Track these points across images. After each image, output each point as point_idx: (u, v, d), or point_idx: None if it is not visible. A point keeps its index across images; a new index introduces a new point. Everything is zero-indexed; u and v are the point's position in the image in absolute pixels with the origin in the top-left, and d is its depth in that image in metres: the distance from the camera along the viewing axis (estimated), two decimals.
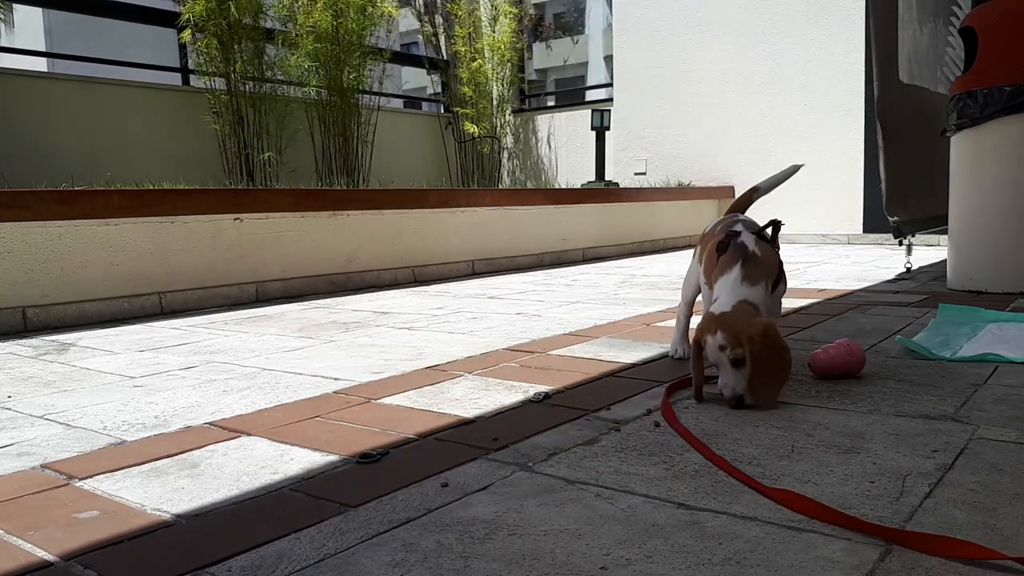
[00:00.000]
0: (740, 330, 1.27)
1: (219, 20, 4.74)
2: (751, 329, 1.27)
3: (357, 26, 5.39)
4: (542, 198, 4.63)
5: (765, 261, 1.41)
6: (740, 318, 1.30)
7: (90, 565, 0.81)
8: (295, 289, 3.29)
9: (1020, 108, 2.52)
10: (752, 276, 1.37)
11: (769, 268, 1.41)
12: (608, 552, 0.80)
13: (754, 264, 1.39)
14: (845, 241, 5.48)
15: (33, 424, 1.37)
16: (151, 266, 2.84)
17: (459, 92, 6.85)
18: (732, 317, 1.30)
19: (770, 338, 1.28)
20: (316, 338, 2.20)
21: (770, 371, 1.29)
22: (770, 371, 1.29)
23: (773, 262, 1.44)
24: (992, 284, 2.63)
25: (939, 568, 0.74)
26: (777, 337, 1.29)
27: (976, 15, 2.76)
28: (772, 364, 1.28)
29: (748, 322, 1.28)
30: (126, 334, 2.38)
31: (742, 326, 1.28)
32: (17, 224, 2.51)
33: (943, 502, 0.90)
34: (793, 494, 0.91)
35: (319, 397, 1.50)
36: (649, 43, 6.36)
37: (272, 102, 5.12)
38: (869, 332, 2.02)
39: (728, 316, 1.31)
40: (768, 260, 1.42)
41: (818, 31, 5.50)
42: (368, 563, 0.79)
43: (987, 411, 1.26)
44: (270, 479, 1.05)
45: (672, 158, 6.32)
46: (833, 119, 5.42)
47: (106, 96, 4.74)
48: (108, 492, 1.02)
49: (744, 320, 1.29)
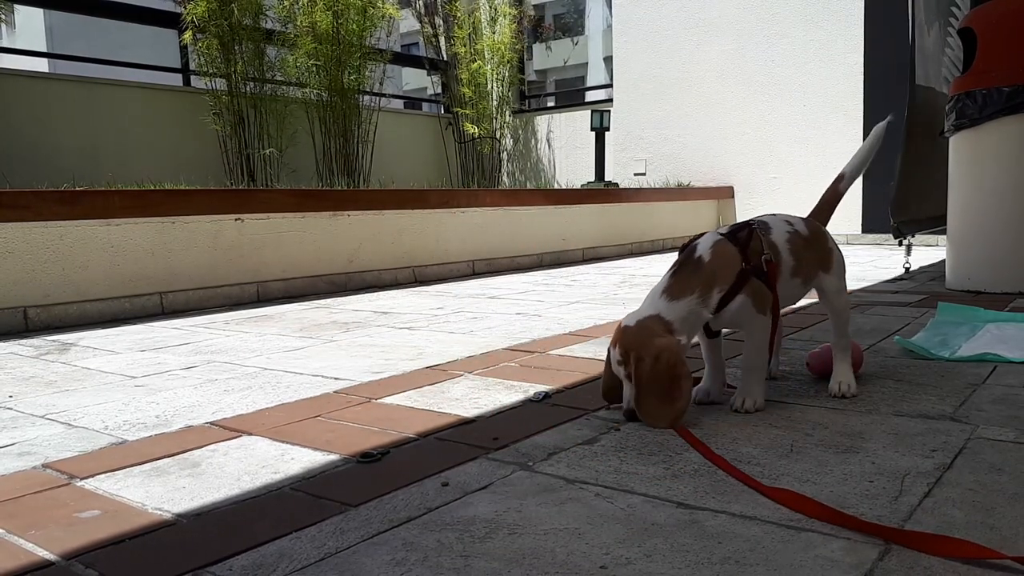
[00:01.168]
0: (631, 346, 1.20)
1: (220, 21, 4.75)
2: (642, 350, 1.18)
3: (357, 27, 5.39)
4: (542, 198, 4.63)
5: (710, 268, 1.24)
6: (639, 335, 1.20)
7: (91, 564, 0.81)
8: (296, 289, 3.29)
9: (1019, 109, 2.53)
10: (676, 289, 1.23)
11: (714, 275, 1.23)
12: (608, 551, 0.80)
13: (687, 274, 1.24)
14: (844, 241, 5.48)
15: (34, 424, 1.37)
16: (152, 266, 2.84)
17: (459, 93, 6.85)
18: (632, 331, 1.22)
19: (662, 363, 1.17)
20: (317, 338, 2.20)
21: (657, 395, 1.19)
22: (657, 395, 1.19)
23: (727, 268, 1.24)
24: (991, 284, 2.63)
25: (938, 567, 0.74)
26: (670, 362, 1.17)
27: (975, 16, 2.76)
28: (659, 389, 1.18)
29: (643, 341, 1.19)
30: (127, 334, 2.38)
31: (635, 344, 1.19)
32: (18, 224, 2.51)
33: (942, 501, 0.90)
34: (792, 493, 0.91)
35: (320, 397, 1.51)
36: (649, 44, 6.36)
37: (273, 103, 5.12)
38: (868, 332, 2.03)
39: (630, 331, 1.22)
40: (718, 266, 1.24)
41: (818, 31, 5.50)
42: (369, 562, 0.80)
43: (986, 411, 1.27)
44: (271, 478, 1.05)
45: (672, 158, 6.32)
46: (832, 120, 5.42)
47: (107, 97, 4.75)
48: (109, 491, 1.02)
49: (641, 338, 1.19)
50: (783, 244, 1.31)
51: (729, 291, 1.23)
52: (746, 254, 1.25)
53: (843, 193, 1.51)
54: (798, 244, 1.34)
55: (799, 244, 1.34)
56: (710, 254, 1.25)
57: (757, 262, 1.26)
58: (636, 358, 1.18)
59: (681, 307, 1.22)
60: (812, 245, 1.37)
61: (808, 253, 1.35)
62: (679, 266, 1.27)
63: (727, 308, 1.24)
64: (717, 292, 1.23)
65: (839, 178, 1.51)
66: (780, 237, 1.32)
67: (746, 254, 1.25)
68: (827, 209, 1.50)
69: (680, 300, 1.22)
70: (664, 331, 1.20)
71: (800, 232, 1.36)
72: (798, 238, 1.34)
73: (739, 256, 1.25)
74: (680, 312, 1.21)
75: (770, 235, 1.31)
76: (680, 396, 1.19)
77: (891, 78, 4.97)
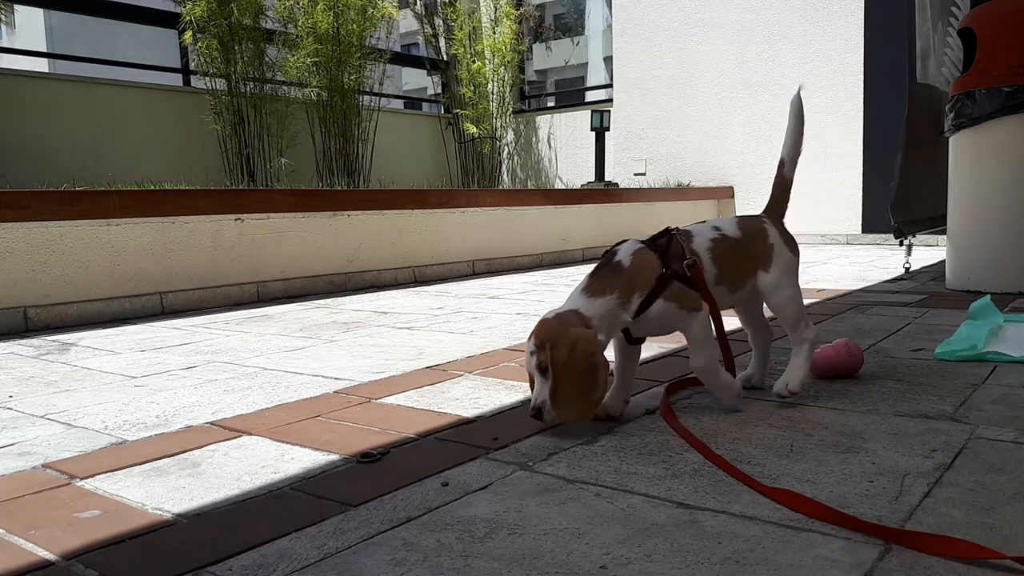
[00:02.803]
0: (547, 336, 1.17)
1: (220, 21, 4.75)
2: (558, 340, 1.16)
3: (357, 27, 5.39)
4: (542, 198, 4.63)
5: (631, 272, 1.23)
6: (556, 325, 1.18)
7: (91, 564, 0.81)
8: (296, 289, 3.29)
9: (1019, 108, 2.53)
10: (596, 288, 1.22)
11: (634, 280, 1.22)
12: (608, 551, 0.80)
13: (606, 275, 1.23)
14: (844, 241, 5.48)
15: (34, 424, 1.37)
16: (152, 266, 2.84)
17: (459, 93, 6.85)
18: (549, 323, 1.19)
19: (578, 351, 1.15)
20: (317, 338, 2.20)
21: (573, 385, 1.16)
22: (573, 385, 1.16)
23: (646, 273, 1.23)
24: (991, 284, 2.63)
25: (938, 567, 0.74)
26: (587, 351, 1.15)
27: (975, 16, 2.76)
28: (575, 377, 1.15)
29: (560, 331, 1.17)
30: (127, 334, 2.39)
31: (553, 333, 1.17)
32: (18, 224, 2.51)
33: (942, 501, 0.90)
34: (792, 493, 0.91)
35: (320, 397, 1.51)
36: (649, 44, 6.36)
37: (273, 103, 5.12)
38: (868, 332, 2.03)
39: (546, 322, 1.20)
40: (638, 271, 1.23)
41: (818, 31, 5.50)
42: (369, 562, 0.80)
43: (986, 411, 1.27)
44: (271, 478, 1.05)
45: (672, 158, 6.32)
46: (832, 119, 5.42)
47: (107, 97, 4.75)
48: (109, 491, 1.02)
49: (558, 328, 1.18)
50: (705, 251, 1.29)
51: (649, 296, 1.22)
52: (666, 259, 1.25)
53: (790, 179, 1.46)
54: (722, 250, 1.31)
55: (724, 249, 1.31)
56: (630, 260, 1.24)
57: (678, 267, 1.25)
58: (552, 347, 1.16)
59: (599, 305, 1.20)
60: (744, 247, 1.34)
61: (738, 256, 1.32)
62: (599, 268, 1.25)
63: (648, 313, 1.23)
64: (637, 296, 1.22)
65: (780, 165, 1.46)
66: (702, 244, 1.29)
67: (666, 259, 1.25)
68: (778, 202, 1.44)
69: (599, 298, 1.21)
70: (583, 324, 1.19)
71: (729, 236, 1.33)
72: (724, 243, 1.31)
73: (658, 262, 1.24)
74: (598, 309, 1.20)
75: (691, 242, 1.29)
76: (596, 387, 1.17)
77: (891, 78, 4.97)
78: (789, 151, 1.46)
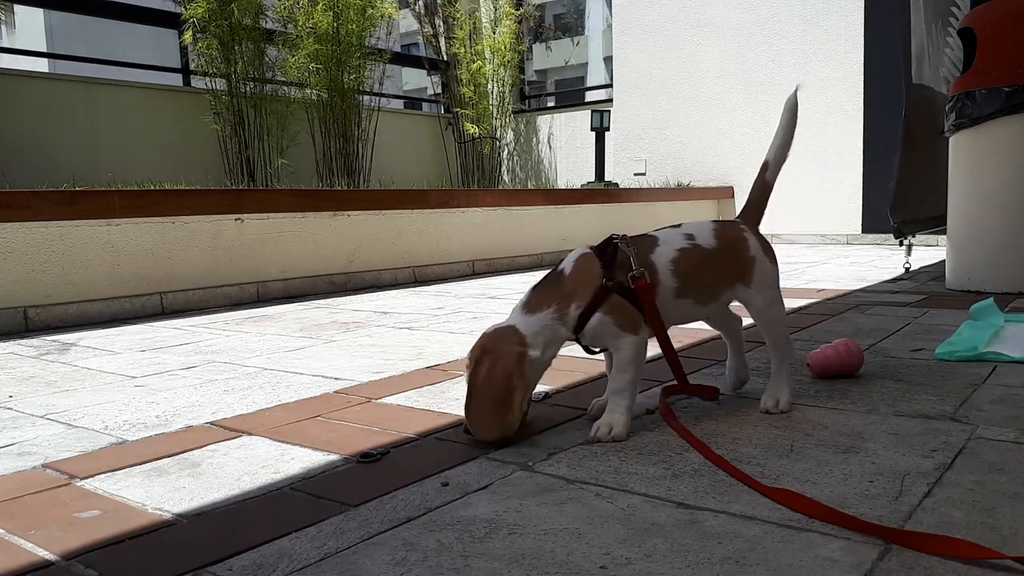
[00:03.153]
0: (478, 351, 1.14)
1: (220, 21, 4.75)
2: (484, 355, 1.13)
3: (357, 27, 5.39)
4: (542, 198, 4.63)
5: (570, 282, 1.17)
6: (489, 340, 1.14)
7: (91, 564, 0.81)
8: (296, 289, 3.29)
9: (1019, 109, 2.53)
10: (534, 302, 1.16)
11: (572, 291, 1.16)
12: (608, 551, 0.80)
13: (546, 288, 1.18)
14: (844, 241, 5.48)
15: (34, 424, 1.37)
16: (152, 266, 2.84)
17: (459, 93, 6.85)
18: (485, 337, 1.16)
19: (497, 370, 1.11)
20: (317, 338, 2.20)
21: (486, 405, 1.12)
22: (486, 405, 1.12)
23: (586, 284, 1.16)
24: (991, 284, 2.63)
25: (938, 567, 0.74)
26: (505, 372, 1.10)
27: (975, 15, 2.76)
28: (489, 397, 1.11)
29: (491, 346, 1.13)
30: (127, 334, 2.39)
31: (484, 348, 1.14)
32: (18, 224, 2.51)
33: (942, 502, 0.90)
34: (792, 493, 0.91)
35: (320, 397, 1.51)
36: (649, 44, 6.36)
37: (273, 103, 5.12)
38: (868, 332, 2.03)
39: (484, 338, 1.16)
40: (577, 282, 1.16)
41: (818, 31, 5.50)
42: (369, 562, 0.80)
43: (986, 411, 1.27)
44: (271, 478, 1.05)
45: (672, 158, 6.32)
46: (832, 119, 5.42)
47: (107, 97, 4.75)
48: (109, 491, 1.02)
49: (490, 343, 1.14)
50: (666, 262, 1.20)
51: (587, 308, 1.15)
52: (610, 270, 1.16)
53: (771, 183, 1.35)
54: (691, 262, 1.22)
55: (693, 261, 1.22)
56: (571, 268, 1.18)
57: (622, 278, 1.16)
58: (475, 359, 1.13)
59: (535, 321, 1.15)
60: (720, 258, 1.25)
61: (711, 268, 1.24)
62: (542, 280, 1.20)
63: (587, 327, 1.16)
64: (575, 308, 1.15)
65: (763, 167, 1.36)
66: (666, 254, 1.21)
67: (610, 270, 1.16)
68: (757, 207, 1.35)
69: (535, 314, 1.15)
70: (516, 342, 1.13)
71: (701, 246, 1.23)
72: (694, 254, 1.22)
73: (600, 272, 1.16)
74: (533, 326, 1.15)
75: (652, 252, 1.20)
76: (509, 410, 1.11)
77: (891, 78, 4.96)
78: (775, 154, 1.35)
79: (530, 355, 1.13)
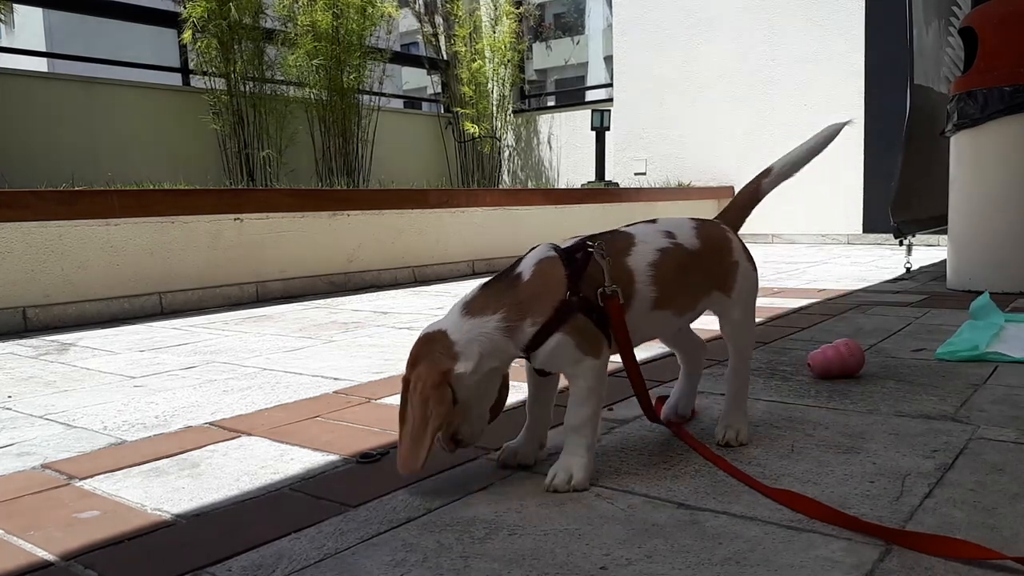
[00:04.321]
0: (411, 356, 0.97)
1: (219, 20, 4.74)
2: (410, 371, 0.96)
3: (357, 26, 5.39)
4: (542, 198, 4.63)
5: (526, 290, 0.97)
6: (417, 351, 0.97)
7: (90, 565, 0.81)
8: (295, 289, 3.29)
9: (1020, 108, 2.53)
10: (478, 305, 0.97)
11: (528, 302, 0.96)
12: (608, 552, 0.80)
13: (496, 291, 0.98)
14: (845, 241, 5.48)
15: (33, 424, 1.37)
16: (151, 266, 2.84)
17: (459, 92, 6.85)
18: (416, 346, 0.98)
19: (416, 392, 0.93)
20: (316, 338, 2.20)
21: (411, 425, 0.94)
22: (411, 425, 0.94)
23: (545, 297, 0.96)
24: (992, 284, 2.63)
25: (939, 568, 0.74)
26: (422, 395, 0.92)
27: (976, 15, 2.76)
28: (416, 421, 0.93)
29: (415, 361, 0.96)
30: (126, 334, 2.38)
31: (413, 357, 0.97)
32: (17, 224, 2.51)
33: (943, 502, 0.90)
34: (793, 494, 0.91)
35: (319, 397, 1.51)
36: (649, 43, 6.36)
37: (272, 102, 5.12)
38: (869, 332, 2.02)
39: (416, 343, 0.98)
40: (534, 292, 0.97)
41: (818, 31, 5.50)
42: (368, 563, 0.79)
43: (987, 411, 1.26)
44: (270, 479, 1.05)
45: (672, 158, 6.32)
46: (833, 119, 5.38)
47: (106, 96, 4.74)
48: (108, 492, 1.02)
49: (415, 356, 0.96)
50: (644, 267, 1.02)
51: (544, 326, 0.95)
52: (576, 283, 0.97)
53: (765, 192, 1.20)
54: (673, 264, 1.04)
55: (676, 263, 1.04)
56: (531, 273, 0.98)
57: (590, 294, 0.97)
58: (405, 379, 0.97)
59: (471, 328, 0.95)
60: (702, 260, 1.08)
61: (693, 271, 1.07)
62: (494, 279, 1.01)
63: (544, 347, 0.96)
64: (530, 325, 0.95)
65: (764, 174, 1.20)
66: (644, 258, 1.02)
67: (576, 283, 0.97)
68: (739, 211, 1.20)
69: (475, 318, 0.96)
70: (444, 352, 0.94)
71: (684, 246, 1.06)
72: (676, 255, 1.05)
73: (565, 283, 0.97)
74: (468, 334, 0.95)
75: (628, 255, 1.02)
76: (421, 439, 0.92)
77: (892, 78, 4.97)
78: (784, 167, 1.20)
79: (457, 370, 0.94)
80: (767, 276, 3.53)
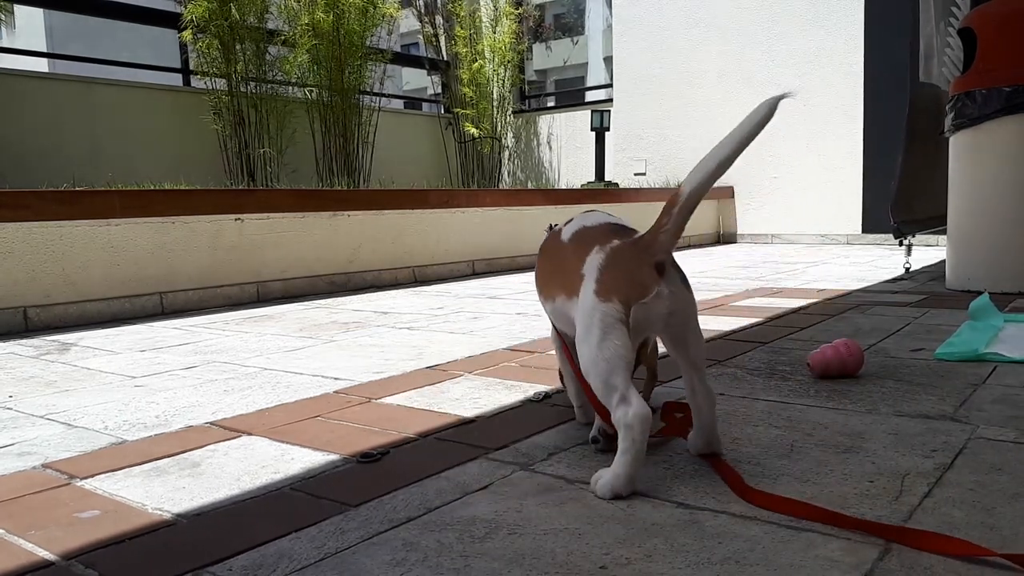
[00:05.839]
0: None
1: (220, 21, 4.74)
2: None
3: (358, 27, 5.39)
4: (542, 198, 4.63)
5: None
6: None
7: (91, 564, 0.81)
8: (296, 289, 3.29)
9: (1019, 108, 2.53)
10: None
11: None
12: (608, 551, 0.80)
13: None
14: (844, 241, 5.48)
15: (34, 424, 1.37)
16: (152, 266, 2.84)
17: (460, 93, 6.85)
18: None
19: None
20: (317, 338, 2.20)
21: None
22: None
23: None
24: (991, 284, 2.63)
25: (938, 567, 0.74)
26: None
27: (975, 15, 2.76)
28: None
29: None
30: (127, 334, 2.38)
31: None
32: (18, 224, 2.51)
33: (942, 502, 0.90)
34: (766, 494, 0.91)
35: (320, 397, 1.51)
36: (649, 43, 6.36)
37: (273, 102, 5.12)
38: (868, 332, 2.03)
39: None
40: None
41: (818, 31, 5.50)
42: (369, 562, 0.80)
43: (986, 411, 1.27)
44: (271, 478, 1.05)
45: (672, 158, 6.32)
46: (832, 119, 5.41)
47: (107, 97, 4.75)
48: (109, 491, 1.02)
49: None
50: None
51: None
52: None
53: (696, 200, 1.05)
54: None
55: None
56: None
57: None
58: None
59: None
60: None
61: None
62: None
63: None
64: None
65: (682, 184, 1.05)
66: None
67: None
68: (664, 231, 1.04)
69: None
70: None
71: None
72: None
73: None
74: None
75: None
76: None
77: (892, 78, 4.97)
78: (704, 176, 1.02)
79: None
80: (766, 276, 3.53)
